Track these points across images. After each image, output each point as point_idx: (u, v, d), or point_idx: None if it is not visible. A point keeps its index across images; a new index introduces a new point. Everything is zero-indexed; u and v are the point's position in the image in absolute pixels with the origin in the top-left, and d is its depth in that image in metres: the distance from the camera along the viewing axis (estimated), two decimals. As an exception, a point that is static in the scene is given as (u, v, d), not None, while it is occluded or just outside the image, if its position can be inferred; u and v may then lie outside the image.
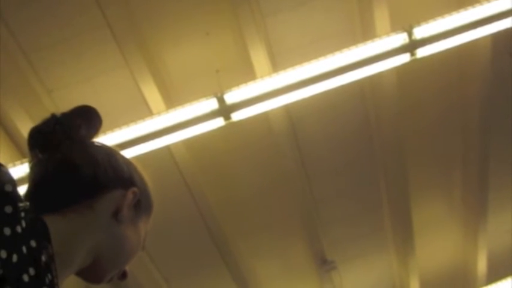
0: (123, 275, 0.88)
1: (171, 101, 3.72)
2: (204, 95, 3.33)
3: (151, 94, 3.63)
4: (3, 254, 0.60)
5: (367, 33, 3.67)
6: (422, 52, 3.31)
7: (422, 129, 4.60)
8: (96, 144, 0.87)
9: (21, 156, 3.64)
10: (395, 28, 3.38)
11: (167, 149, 3.77)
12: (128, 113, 3.66)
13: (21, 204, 0.66)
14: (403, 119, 4.24)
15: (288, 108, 3.90)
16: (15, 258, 0.61)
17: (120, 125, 3.34)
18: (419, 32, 3.25)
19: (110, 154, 0.87)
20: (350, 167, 4.68)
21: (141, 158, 3.44)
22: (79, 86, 3.74)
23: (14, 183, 0.66)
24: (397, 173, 4.60)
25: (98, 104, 3.63)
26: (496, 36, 3.69)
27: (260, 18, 3.65)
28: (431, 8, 3.64)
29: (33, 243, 0.64)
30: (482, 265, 5.58)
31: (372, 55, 3.27)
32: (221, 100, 3.29)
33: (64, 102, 3.80)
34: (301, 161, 4.47)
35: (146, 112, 3.62)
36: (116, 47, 3.49)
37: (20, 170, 3.31)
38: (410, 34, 3.24)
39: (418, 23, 3.25)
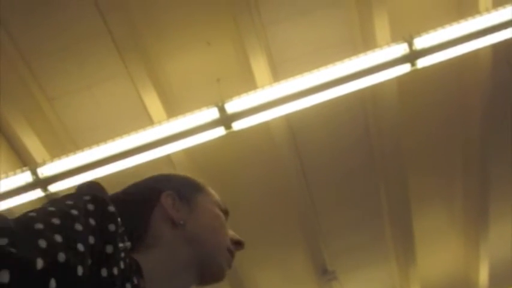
0: (237, 244, 0.90)
1: (172, 109, 3.72)
2: (205, 104, 3.33)
3: (152, 103, 3.64)
4: None
5: (367, 43, 3.68)
6: (422, 62, 3.31)
7: (423, 139, 4.60)
8: (114, 196, 0.85)
9: (21, 164, 3.64)
10: (395, 38, 3.39)
11: (168, 158, 3.76)
12: (129, 122, 3.66)
13: (121, 245, 0.64)
14: (404, 129, 4.24)
15: (288, 118, 3.90)
16: None
17: (120, 133, 3.34)
18: (420, 43, 3.26)
19: (122, 196, 0.86)
20: (351, 177, 4.67)
21: (141, 167, 3.44)
22: (80, 94, 3.75)
23: (118, 223, 0.65)
24: (398, 183, 4.58)
25: (98, 112, 3.68)
26: (497, 47, 3.70)
27: (261, 28, 3.66)
28: (432, 18, 3.65)
29: (128, 286, 0.64)
30: (483, 275, 5.54)
31: (373, 65, 3.28)
32: (222, 109, 3.29)
33: (64, 110, 3.81)
34: (302, 170, 4.46)
35: (147, 121, 3.63)
36: (117, 55, 3.51)
37: (21, 178, 3.30)
38: (410, 44, 3.25)
39: (419, 33, 3.26)
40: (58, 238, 0.56)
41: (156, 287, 0.73)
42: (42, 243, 0.54)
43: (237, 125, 3.35)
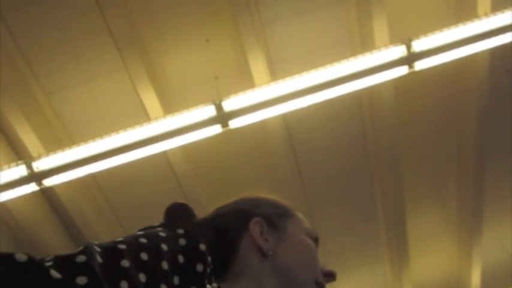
0: (329, 275, 0.84)
1: (169, 106, 3.72)
2: (202, 101, 3.33)
3: (150, 99, 3.63)
4: None
5: (366, 44, 3.69)
6: (420, 65, 3.33)
7: (419, 142, 4.61)
8: (201, 221, 0.81)
9: (17, 158, 3.63)
10: (394, 40, 3.40)
11: (164, 154, 3.76)
12: (126, 118, 3.66)
13: (208, 287, 0.63)
14: (400, 131, 4.25)
15: (285, 117, 3.90)
16: None
17: (117, 129, 3.34)
18: (418, 45, 3.27)
19: (212, 221, 0.82)
20: (346, 178, 4.68)
21: (137, 163, 3.43)
22: (77, 89, 3.74)
23: (207, 263, 0.62)
24: (393, 184, 4.60)
25: (95, 107, 3.67)
26: (494, 51, 3.71)
27: (260, 27, 3.67)
28: (430, 21, 3.66)
29: None
30: (476, 278, 5.57)
31: (370, 67, 3.29)
32: (219, 107, 3.29)
33: (61, 105, 3.80)
34: (297, 170, 4.47)
35: (144, 117, 3.62)
36: (116, 51, 3.50)
37: (15, 172, 3.30)
38: (408, 47, 3.26)
39: (417, 36, 3.27)
40: (142, 278, 0.55)
41: None
42: (124, 285, 0.53)
43: (234, 123, 3.35)
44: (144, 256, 0.57)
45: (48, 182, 3.38)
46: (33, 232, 4.03)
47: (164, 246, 0.59)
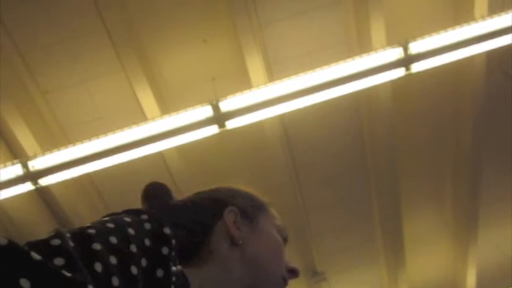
0: (292, 272, 0.86)
1: (166, 106, 3.72)
2: (199, 102, 3.33)
3: (146, 99, 3.63)
4: None
5: (363, 46, 3.70)
6: (417, 67, 3.33)
7: (415, 143, 4.62)
8: (176, 203, 0.85)
9: (12, 157, 3.62)
10: (391, 42, 3.41)
11: (160, 155, 3.76)
12: (122, 118, 3.65)
13: (173, 269, 0.64)
14: (397, 133, 4.26)
15: (282, 118, 3.91)
16: None
17: (113, 129, 3.33)
18: (415, 47, 3.28)
19: (188, 204, 0.85)
20: (343, 179, 4.69)
21: (134, 163, 3.43)
22: (74, 89, 3.73)
23: (172, 246, 0.64)
24: (389, 185, 4.61)
25: (92, 106, 3.66)
26: (491, 54, 3.73)
27: (257, 28, 3.67)
28: (428, 23, 3.67)
29: None
30: (471, 279, 5.59)
31: (367, 68, 3.29)
32: (216, 108, 3.29)
33: (58, 104, 3.79)
34: (294, 171, 4.47)
35: (140, 117, 3.62)
36: (113, 51, 3.50)
37: (11, 171, 3.28)
38: (405, 49, 3.27)
39: (414, 38, 3.28)
40: (113, 260, 0.56)
41: None
42: (98, 267, 0.54)
43: (231, 124, 3.35)
44: (113, 240, 0.58)
45: (44, 182, 3.37)
46: (28, 231, 4.02)
47: (131, 231, 0.61)
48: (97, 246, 0.56)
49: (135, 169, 3.67)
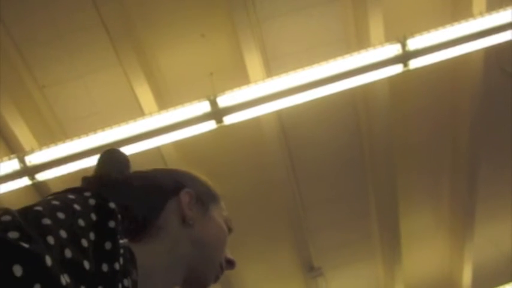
0: (230, 263, 0.91)
1: (164, 102, 3.71)
2: (197, 97, 3.32)
3: (144, 94, 3.62)
4: None
5: (361, 42, 3.69)
6: (415, 63, 3.34)
7: (413, 139, 4.63)
8: (132, 175, 0.87)
9: (9, 152, 3.61)
10: (389, 38, 3.41)
11: (158, 150, 3.75)
12: (120, 113, 3.64)
13: (121, 241, 0.65)
14: (394, 129, 4.27)
15: (280, 114, 3.91)
16: None
17: (111, 124, 3.32)
18: (413, 44, 3.28)
19: (147, 176, 0.88)
20: (340, 174, 4.70)
21: (131, 158, 3.41)
22: (71, 83, 3.72)
23: (118, 220, 0.65)
24: (386, 181, 4.62)
25: (89, 101, 3.64)
26: (489, 51, 3.73)
27: (256, 23, 3.66)
28: (426, 20, 3.67)
29: (126, 282, 0.65)
30: (467, 276, 5.61)
31: (365, 64, 3.29)
32: (214, 103, 3.29)
33: (55, 99, 3.78)
34: (291, 167, 4.47)
35: (138, 112, 3.61)
36: (110, 45, 3.48)
37: (8, 166, 3.28)
38: (404, 45, 3.27)
39: (412, 34, 3.28)
40: (63, 234, 0.57)
41: (145, 279, 0.73)
42: (51, 240, 0.55)
43: (228, 119, 3.35)
44: (60, 215, 0.59)
45: (41, 177, 3.36)
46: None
47: (77, 206, 0.62)
48: (46, 221, 0.57)
49: (132, 164, 3.66)
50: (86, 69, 3.67)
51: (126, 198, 0.79)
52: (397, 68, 3.35)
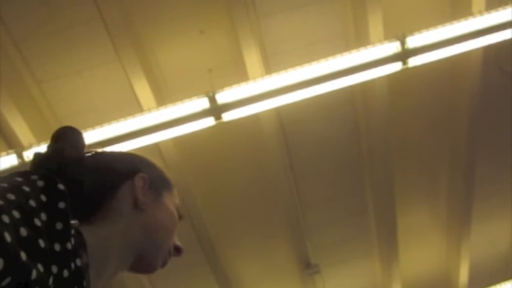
0: (177, 250, 0.92)
1: (162, 98, 3.70)
2: (196, 93, 3.32)
3: (143, 90, 3.61)
4: (54, 269, 0.61)
5: (360, 40, 3.69)
6: (414, 61, 3.34)
7: (411, 137, 4.64)
8: (88, 155, 0.87)
9: (7, 147, 3.60)
10: (388, 36, 3.41)
11: (156, 146, 3.75)
12: (118, 109, 3.64)
13: (72, 222, 0.67)
14: (392, 127, 4.27)
15: (279, 111, 3.90)
16: (65, 273, 0.62)
17: (109, 120, 3.32)
18: (412, 42, 3.28)
19: (103, 157, 0.89)
20: (338, 172, 4.70)
21: (129, 154, 3.41)
22: (69, 79, 3.71)
23: (68, 201, 0.66)
24: (384, 179, 4.62)
25: (88, 97, 3.62)
26: (488, 50, 3.73)
27: (255, 20, 3.65)
28: (425, 18, 3.67)
29: (78, 262, 0.66)
30: (464, 274, 5.63)
31: (364, 62, 3.29)
32: (212, 100, 3.28)
33: (53, 94, 3.77)
34: (289, 164, 4.47)
35: (136, 108, 3.61)
36: (109, 41, 3.47)
37: (6, 161, 3.27)
38: (403, 43, 3.27)
39: (412, 32, 3.28)
40: (16, 214, 0.58)
41: (95, 261, 0.73)
42: (6, 219, 0.56)
43: (227, 116, 3.35)
44: (11, 196, 0.60)
45: (39, 172, 3.35)
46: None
47: (26, 188, 0.63)
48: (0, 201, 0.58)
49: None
50: (84, 64, 3.66)
51: (78, 177, 0.80)
52: (396, 66, 3.35)
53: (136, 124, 3.31)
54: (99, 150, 0.91)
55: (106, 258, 0.77)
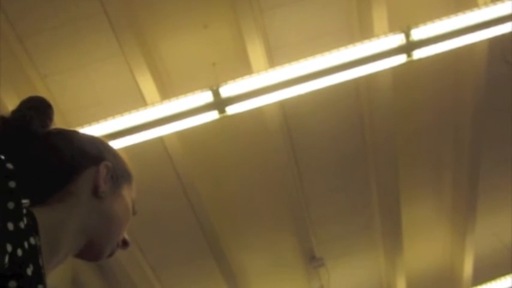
0: (124, 244, 0.91)
1: (166, 92, 3.70)
2: (200, 87, 3.31)
3: (147, 84, 3.61)
4: (9, 248, 0.60)
5: (364, 32, 3.67)
6: (418, 54, 3.32)
7: (415, 130, 4.62)
8: (54, 131, 0.86)
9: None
10: (393, 28, 3.38)
11: (160, 140, 3.75)
12: (122, 103, 3.64)
13: (24, 201, 0.66)
14: (397, 120, 4.26)
15: (282, 104, 3.90)
16: (19, 253, 0.62)
17: (113, 114, 3.32)
18: (417, 34, 3.25)
19: (71, 137, 0.87)
20: (342, 165, 4.70)
21: (133, 148, 3.43)
22: (73, 73, 3.71)
23: (17, 180, 0.65)
24: (388, 172, 4.62)
25: (92, 91, 3.63)
26: (493, 42, 3.70)
27: (258, 13, 3.63)
28: (430, 10, 3.64)
29: (32, 240, 0.65)
30: (468, 267, 5.63)
31: (369, 55, 3.27)
32: (216, 93, 3.28)
33: (57, 88, 3.78)
34: (293, 157, 4.47)
35: (140, 102, 3.61)
36: (113, 35, 3.47)
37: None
38: (407, 35, 3.25)
39: (416, 24, 3.25)
40: None
41: (47, 243, 0.72)
42: None
43: (231, 110, 3.34)
44: None
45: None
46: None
47: None
48: None
49: (135, 154, 3.67)
50: (88, 59, 3.66)
51: (39, 155, 0.79)
52: (401, 58, 3.33)
53: (140, 118, 3.31)
54: (68, 129, 0.89)
55: (57, 241, 0.76)
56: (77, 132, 0.90)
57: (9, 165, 0.65)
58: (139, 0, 3.49)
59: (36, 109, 0.83)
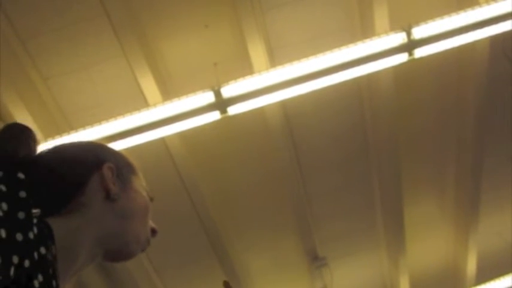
0: (153, 232, 0.92)
1: (168, 92, 3.71)
2: (201, 87, 3.32)
3: (148, 85, 3.62)
4: (15, 260, 0.60)
5: (366, 31, 3.67)
6: (420, 52, 3.31)
7: (417, 129, 4.61)
8: (44, 153, 0.84)
9: (14, 143, 3.61)
10: (394, 27, 3.38)
11: (162, 141, 3.76)
12: (124, 104, 3.65)
13: (34, 211, 0.66)
14: (399, 118, 4.25)
15: (284, 104, 3.90)
16: (27, 263, 0.62)
17: (115, 115, 3.33)
18: (418, 32, 3.25)
19: (63, 152, 0.86)
20: (344, 164, 4.69)
21: (135, 149, 3.43)
22: (75, 75, 3.72)
23: (29, 190, 0.65)
24: (391, 171, 4.61)
25: (93, 92, 3.64)
26: (494, 39, 3.70)
27: (260, 13, 3.63)
28: (431, 8, 3.64)
29: (43, 250, 0.65)
30: (471, 265, 5.62)
31: (370, 53, 3.27)
32: (218, 93, 3.28)
33: (59, 90, 3.79)
34: (295, 156, 4.47)
35: (142, 103, 3.61)
36: (114, 36, 3.47)
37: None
38: (409, 34, 3.24)
39: (417, 23, 3.25)
40: None
41: (66, 252, 0.73)
42: None
43: (233, 110, 3.34)
44: None
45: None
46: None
47: None
48: None
49: (137, 155, 3.67)
50: (90, 60, 3.67)
51: (36, 180, 0.76)
52: (402, 57, 3.32)
53: (142, 119, 3.32)
54: (57, 145, 0.88)
55: (75, 249, 0.76)
56: (68, 145, 0.89)
57: (20, 175, 0.66)
58: (141, 1, 3.49)
59: (16, 137, 0.79)
